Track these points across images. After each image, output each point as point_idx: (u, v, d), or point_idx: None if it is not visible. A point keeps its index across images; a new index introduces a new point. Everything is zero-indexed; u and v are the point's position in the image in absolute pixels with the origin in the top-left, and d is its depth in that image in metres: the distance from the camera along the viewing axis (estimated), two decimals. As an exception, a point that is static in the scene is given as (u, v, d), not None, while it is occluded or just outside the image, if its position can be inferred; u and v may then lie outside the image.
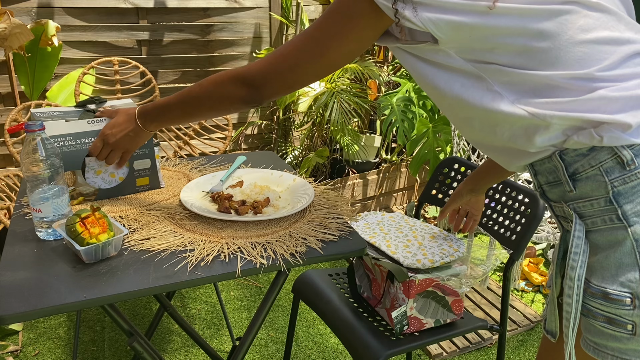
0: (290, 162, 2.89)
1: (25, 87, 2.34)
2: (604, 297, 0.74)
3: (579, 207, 0.78)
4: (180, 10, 2.76)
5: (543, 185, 0.84)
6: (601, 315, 0.75)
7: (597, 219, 0.76)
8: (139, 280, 0.92)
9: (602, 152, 0.73)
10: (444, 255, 1.25)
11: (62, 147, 1.15)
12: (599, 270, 0.76)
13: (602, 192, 0.74)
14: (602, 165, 0.74)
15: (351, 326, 1.30)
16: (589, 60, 0.72)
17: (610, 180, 0.73)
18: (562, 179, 0.78)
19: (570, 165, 0.77)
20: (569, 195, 0.79)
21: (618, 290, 0.73)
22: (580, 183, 0.77)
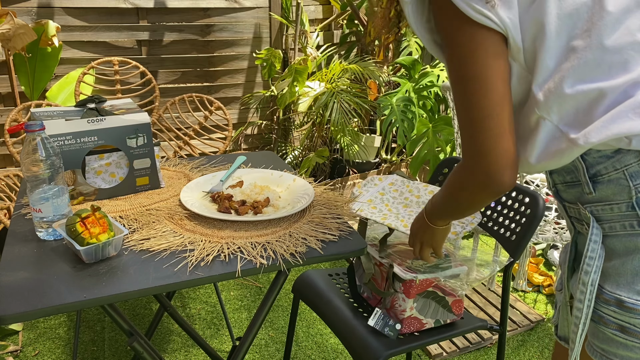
0: (290, 162, 2.89)
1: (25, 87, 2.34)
2: (618, 304, 0.72)
3: (597, 210, 0.75)
4: (180, 10, 2.76)
5: (558, 185, 0.82)
6: (613, 322, 0.74)
7: (616, 223, 0.73)
8: (139, 280, 0.92)
9: (629, 155, 0.71)
10: (464, 225, 1.26)
11: (62, 146, 1.15)
12: (614, 277, 0.74)
13: (625, 196, 0.72)
14: (627, 169, 0.71)
15: (351, 326, 1.30)
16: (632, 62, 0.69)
17: (635, 185, 0.71)
18: (581, 180, 0.76)
19: (592, 167, 0.74)
20: (587, 197, 0.76)
21: (634, 299, 0.71)
22: (601, 186, 0.74)
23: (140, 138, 1.24)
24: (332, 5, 3.11)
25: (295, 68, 2.60)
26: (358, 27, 3.05)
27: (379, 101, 2.78)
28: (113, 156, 1.23)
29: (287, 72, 2.64)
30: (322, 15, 3.16)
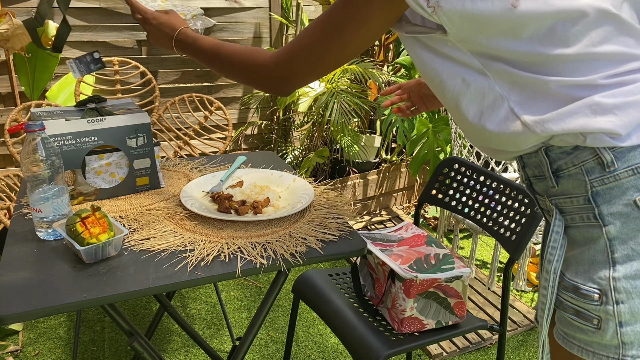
0: (290, 162, 2.89)
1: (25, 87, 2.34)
2: (574, 291, 0.76)
3: (560, 202, 0.79)
4: (181, 10, 2.76)
5: (530, 178, 0.85)
6: (570, 307, 0.78)
7: (575, 215, 0.77)
8: (139, 280, 0.92)
9: (585, 151, 0.74)
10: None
11: (62, 146, 1.15)
12: (574, 265, 0.78)
13: (582, 190, 0.75)
14: (583, 165, 0.75)
15: (351, 326, 1.30)
16: (593, 69, 0.72)
17: (590, 180, 0.74)
18: (545, 174, 0.80)
19: (555, 162, 0.78)
20: (552, 190, 0.80)
21: (588, 286, 0.75)
22: (562, 180, 0.78)
23: (140, 138, 1.24)
24: (332, 5, 3.10)
25: (295, 68, 2.60)
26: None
27: (379, 101, 2.78)
28: (113, 156, 1.23)
29: (287, 72, 2.63)
30: (322, 15, 3.16)
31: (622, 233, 0.73)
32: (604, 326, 0.74)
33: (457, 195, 1.55)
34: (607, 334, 0.74)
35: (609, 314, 0.73)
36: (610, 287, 0.73)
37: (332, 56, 0.85)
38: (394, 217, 3.01)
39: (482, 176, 1.49)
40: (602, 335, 0.75)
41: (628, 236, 0.73)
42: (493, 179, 1.46)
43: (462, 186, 1.54)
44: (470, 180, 1.52)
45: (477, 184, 1.50)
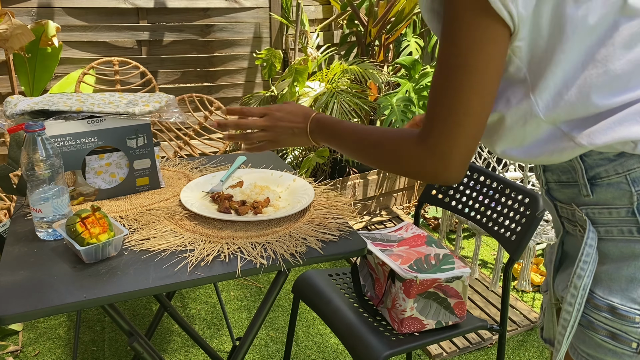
0: (290, 162, 2.89)
1: (25, 88, 2.34)
2: (610, 311, 0.70)
3: (594, 213, 0.72)
4: (180, 10, 2.76)
5: (551, 183, 0.79)
6: (604, 329, 0.72)
7: (613, 228, 0.71)
8: (139, 280, 0.92)
9: (632, 159, 0.68)
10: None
11: (62, 147, 1.15)
12: (606, 282, 0.72)
13: (625, 201, 0.69)
14: (629, 174, 0.68)
15: (351, 326, 1.30)
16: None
17: (637, 190, 0.68)
18: (579, 182, 0.73)
19: (592, 169, 0.71)
20: (584, 199, 0.73)
21: (627, 306, 0.69)
22: (599, 188, 0.71)
23: (140, 138, 1.24)
24: (332, 5, 3.11)
25: (295, 68, 2.60)
26: (358, 27, 3.05)
27: (379, 101, 2.78)
28: (113, 156, 1.23)
29: (287, 72, 2.64)
30: (322, 15, 3.16)
31: None
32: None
33: (457, 195, 1.55)
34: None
35: None
36: None
37: (476, 106, 0.68)
38: (394, 217, 3.01)
39: (482, 176, 1.49)
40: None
41: None
42: (493, 179, 1.46)
43: (462, 186, 1.54)
44: (470, 180, 1.52)
45: (477, 184, 1.50)
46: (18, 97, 1.22)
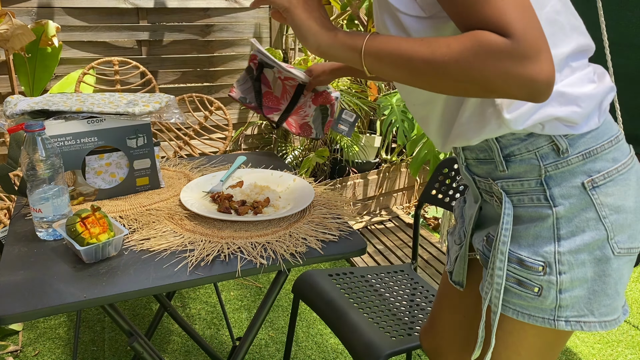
0: (290, 162, 2.89)
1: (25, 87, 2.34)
2: (519, 262, 0.81)
3: (508, 185, 0.83)
4: (180, 10, 2.76)
5: (469, 160, 0.89)
6: (512, 277, 0.82)
7: (524, 196, 0.82)
8: (139, 280, 0.92)
9: (540, 139, 0.78)
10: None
11: (62, 147, 1.15)
12: (516, 239, 0.82)
13: (535, 174, 0.80)
14: (538, 151, 0.79)
15: (351, 326, 1.30)
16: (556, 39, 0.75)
17: (544, 164, 0.79)
18: (495, 159, 0.83)
19: (506, 148, 0.81)
20: (499, 174, 0.84)
21: (533, 259, 0.80)
22: (513, 164, 0.82)
23: (140, 138, 1.24)
24: (332, 5, 3.11)
25: (295, 68, 2.60)
26: (358, 27, 3.05)
27: (378, 101, 2.78)
28: (113, 156, 1.23)
29: (287, 72, 2.64)
30: (322, 15, 3.15)
31: (569, 212, 0.79)
32: (545, 293, 0.80)
33: (457, 195, 1.55)
34: (547, 300, 0.80)
35: (551, 283, 0.80)
36: (555, 260, 0.79)
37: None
38: (394, 217, 3.01)
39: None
40: (542, 301, 0.81)
41: (574, 215, 0.79)
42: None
43: (462, 186, 1.53)
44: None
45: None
46: (18, 97, 1.22)
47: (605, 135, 0.80)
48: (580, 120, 0.77)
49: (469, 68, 0.65)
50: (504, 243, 0.81)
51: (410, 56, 0.70)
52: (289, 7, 0.78)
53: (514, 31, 0.63)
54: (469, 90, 0.68)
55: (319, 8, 0.80)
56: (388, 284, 1.55)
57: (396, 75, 0.73)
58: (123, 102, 1.23)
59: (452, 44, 0.67)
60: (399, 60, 0.71)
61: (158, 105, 1.25)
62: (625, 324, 2.17)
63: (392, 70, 0.73)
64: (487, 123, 0.79)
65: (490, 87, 0.66)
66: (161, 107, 1.26)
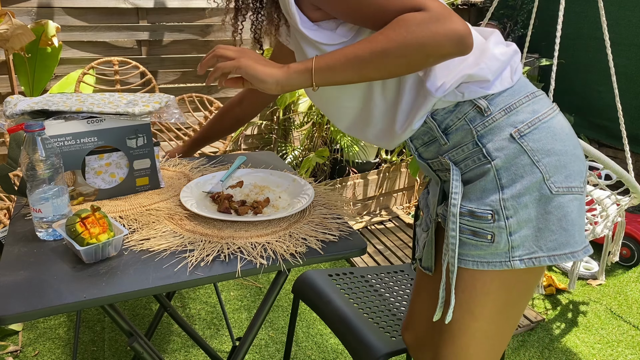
0: (290, 162, 2.89)
1: (25, 87, 2.34)
2: (470, 215, 0.90)
3: (453, 155, 0.94)
4: (180, 10, 2.76)
5: (419, 148, 1.00)
6: (467, 229, 0.91)
7: (468, 160, 0.92)
8: (139, 280, 0.92)
9: (464, 105, 0.91)
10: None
11: (62, 147, 1.15)
12: (466, 195, 0.92)
13: (469, 137, 0.91)
14: (466, 116, 0.91)
15: (351, 326, 1.30)
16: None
17: (474, 126, 0.91)
18: (437, 135, 0.95)
19: (442, 122, 0.94)
20: (444, 148, 0.95)
21: (482, 209, 0.89)
22: (451, 135, 0.93)
23: (140, 138, 1.24)
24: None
25: (295, 68, 2.60)
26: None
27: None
28: (113, 156, 1.23)
29: (287, 72, 2.63)
30: (322, 15, 3.15)
31: (505, 162, 0.88)
32: (497, 239, 0.89)
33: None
34: (500, 244, 0.89)
35: (501, 228, 0.88)
36: (501, 207, 0.88)
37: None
38: (394, 217, 3.01)
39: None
40: (496, 246, 0.89)
41: (509, 164, 0.88)
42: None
43: None
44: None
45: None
46: (18, 97, 1.22)
47: (522, 92, 0.92)
48: (491, 77, 0.89)
49: (405, 41, 0.80)
50: (454, 205, 0.91)
51: (356, 54, 0.84)
52: (240, 65, 0.90)
53: (423, 6, 0.80)
54: (412, 62, 0.82)
55: (261, 56, 0.94)
56: (388, 284, 1.55)
57: (348, 76, 0.86)
58: (123, 102, 1.23)
59: (385, 31, 0.82)
60: (347, 62, 0.85)
61: (158, 105, 1.25)
62: (625, 324, 2.17)
63: (344, 72, 0.86)
64: (420, 102, 0.92)
65: (426, 49, 0.80)
66: (161, 107, 1.25)
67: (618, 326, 2.16)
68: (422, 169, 1.06)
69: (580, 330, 2.13)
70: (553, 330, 2.13)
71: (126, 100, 1.25)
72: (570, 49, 3.40)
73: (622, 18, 3.11)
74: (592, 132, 3.44)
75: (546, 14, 3.41)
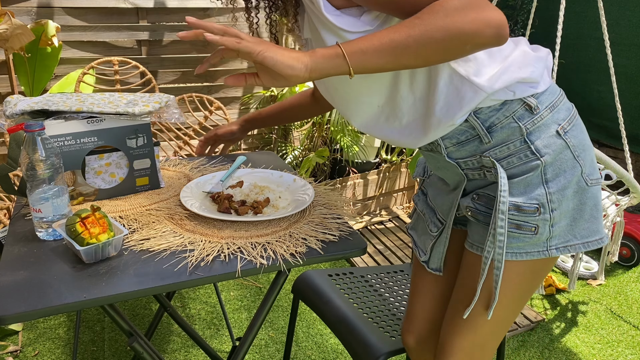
0: (290, 162, 2.89)
1: (25, 87, 2.34)
2: (516, 209, 0.92)
3: (495, 153, 0.94)
4: (180, 10, 2.76)
5: (449, 147, 0.98)
6: (511, 223, 0.93)
7: (513, 158, 0.93)
8: (139, 280, 0.92)
9: (513, 104, 0.91)
10: None
11: (62, 147, 1.15)
12: (511, 190, 0.93)
13: (517, 135, 0.92)
14: (514, 114, 0.91)
15: (351, 326, 1.30)
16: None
17: (523, 124, 0.91)
18: (480, 134, 0.94)
19: (486, 121, 0.93)
20: (485, 146, 0.94)
21: (529, 203, 0.91)
22: (496, 133, 0.93)
23: (140, 138, 1.24)
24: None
25: (295, 68, 2.60)
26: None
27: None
28: (113, 156, 1.23)
29: (287, 72, 2.63)
30: (322, 15, 3.15)
31: (552, 158, 0.91)
32: (541, 230, 0.92)
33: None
34: (542, 235, 0.93)
35: (545, 220, 0.92)
36: (547, 200, 0.91)
37: None
38: (394, 217, 3.01)
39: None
40: (539, 237, 0.93)
41: (555, 159, 0.91)
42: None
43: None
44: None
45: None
46: (18, 97, 1.22)
47: (557, 90, 0.96)
48: (539, 78, 0.92)
49: (445, 26, 0.77)
50: (503, 203, 0.91)
51: (392, 38, 0.79)
52: (263, 50, 0.80)
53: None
54: (450, 48, 0.79)
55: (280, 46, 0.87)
56: (388, 284, 1.55)
57: (382, 61, 0.81)
58: (123, 102, 1.23)
59: (422, 15, 0.79)
60: (383, 47, 0.80)
61: (158, 105, 1.25)
62: (625, 323, 2.17)
63: (379, 57, 0.80)
64: (464, 97, 0.89)
65: (465, 37, 0.78)
66: (161, 107, 1.25)
67: (618, 326, 2.16)
68: (431, 167, 1.08)
69: (580, 330, 2.13)
70: (553, 330, 2.13)
71: (126, 100, 1.25)
72: (570, 49, 3.40)
73: (622, 18, 3.11)
74: (592, 132, 3.44)
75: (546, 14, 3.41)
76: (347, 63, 0.81)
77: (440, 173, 1.07)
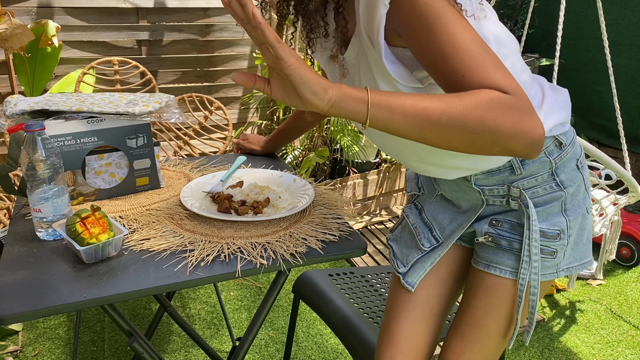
0: (290, 162, 2.89)
1: (25, 87, 2.34)
2: (541, 234, 0.98)
3: (523, 184, 0.98)
4: (180, 10, 2.76)
5: (478, 175, 1.01)
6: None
7: (538, 188, 0.98)
8: (139, 280, 0.92)
9: (547, 140, 0.96)
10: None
11: (62, 147, 1.15)
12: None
13: (546, 168, 0.98)
14: (546, 149, 0.96)
15: (351, 326, 1.30)
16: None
17: (553, 159, 0.97)
18: (513, 165, 0.98)
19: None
20: (515, 177, 0.99)
21: (552, 229, 0.99)
22: (528, 167, 0.97)
23: (140, 138, 1.24)
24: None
25: (295, 68, 2.60)
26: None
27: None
28: (113, 156, 1.23)
29: (287, 72, 2.63)
30: (322, 15, 3.15)
31: (573, 190, 1.00)
32: (559, 254, 1.00)
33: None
34: (558, 259, 1.00)
35: (563, 245, 0.99)
36: (567, 227, 0.99)
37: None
38: (394, 217, 3.01)
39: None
40: (555, 261, 1.00)
41: (575, 191, 1.00)
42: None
43: None
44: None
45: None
46: (18, 97, 1.22)
47: (571, 127, 1.02)
48: (569, 118, 0.99)
49: (482, 119, 0.70)
50: (536, 232, 0.97)
51: (425, 107, 0.71)
52: (295, 63, 0.69)
53: (507, 89, 0.72)
54: (477, 142, 0.72)
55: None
56: (388, 284, 1.54)
57: (405, 126, 0.72)
58: (123, 102, 1.23)
59: (464, 97, 0.71)
60: (412, 111, 0.71)
61: (158, 105, 1.25)
62: (625, 323, 2.17)
63: (403, 119, 0.71)
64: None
65: (499, 137, 0.72)
66: (161, 107, 1.25)
67: (618, 326, 2.16)
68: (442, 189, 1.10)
69: (580, 330, 2.13)
70: (553, 330, 2.13)
71: (126, 100, 1.25)
72: (570, 49, 3.40)
73: (622, 18, 3.12)
74: (592, 132, 3.44)
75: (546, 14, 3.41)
76: (367, 113, 0.71)
77: (453, 195, 1.08)
